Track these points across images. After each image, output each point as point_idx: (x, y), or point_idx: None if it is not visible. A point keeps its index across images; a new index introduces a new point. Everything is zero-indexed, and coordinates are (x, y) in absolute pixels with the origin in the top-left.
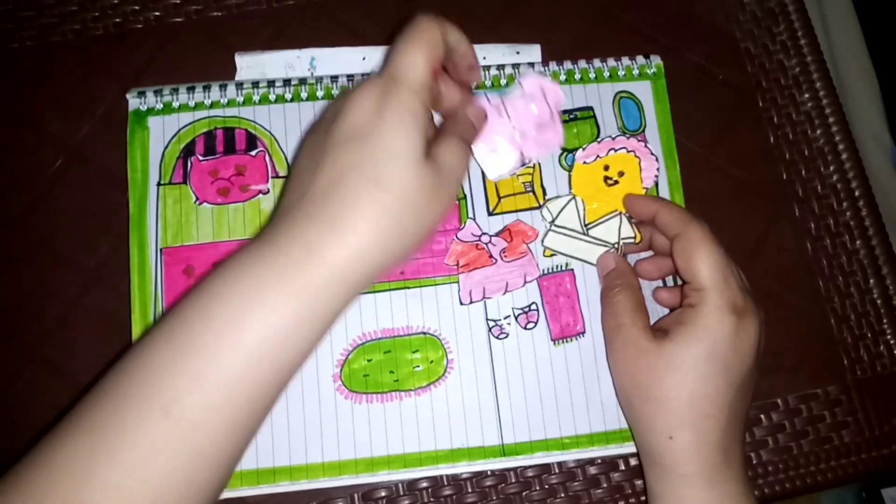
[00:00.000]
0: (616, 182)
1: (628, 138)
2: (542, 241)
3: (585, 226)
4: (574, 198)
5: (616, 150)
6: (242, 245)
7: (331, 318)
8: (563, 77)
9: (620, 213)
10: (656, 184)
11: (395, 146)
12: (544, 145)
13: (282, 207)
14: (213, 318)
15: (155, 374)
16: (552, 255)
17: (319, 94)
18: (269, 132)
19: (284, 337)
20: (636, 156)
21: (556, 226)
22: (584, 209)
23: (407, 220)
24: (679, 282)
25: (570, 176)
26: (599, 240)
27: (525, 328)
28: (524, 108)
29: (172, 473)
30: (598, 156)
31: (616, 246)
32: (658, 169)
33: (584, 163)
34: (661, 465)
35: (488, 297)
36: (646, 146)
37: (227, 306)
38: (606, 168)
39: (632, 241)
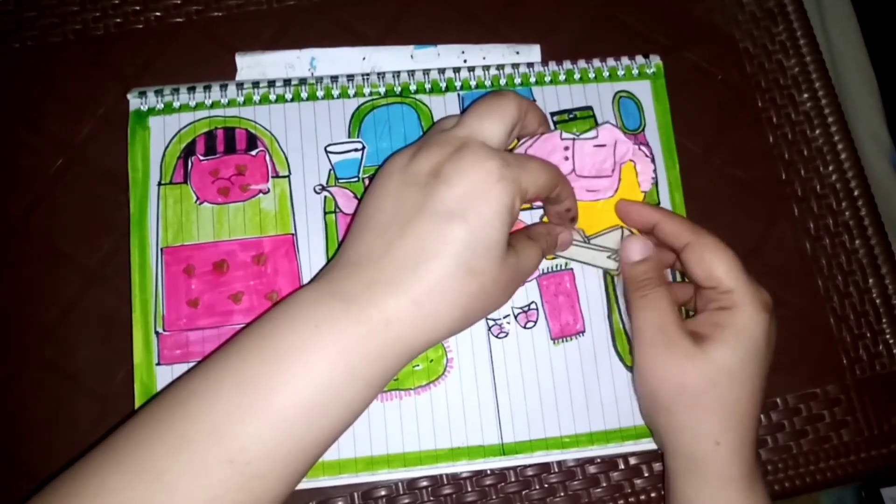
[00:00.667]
0: None
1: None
2: None
3: (586, 238)
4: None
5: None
6: (311, 283)
7: (386, 381)
8: (562, 77)
9: (622, 227)
10: (655, 185)
11: (492, 238)
12: (594, 193)
13: (357, 250)
14: (283, 362)
15: (221, 419)
16: (553, 258)
17: (320, 94)
18: (270, 132)
19: (347, 393)
20: (632, 159)
21: None
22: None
23: (480, 305)
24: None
25: None
26: (602, 246)
27: (525, 327)
28: (590, 152)
29: None
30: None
31: (617, 257)
32: (655, 171)
33: None
34: (703, 472)
35: None
36: (640, 148)
37: (299, 352)
38: None
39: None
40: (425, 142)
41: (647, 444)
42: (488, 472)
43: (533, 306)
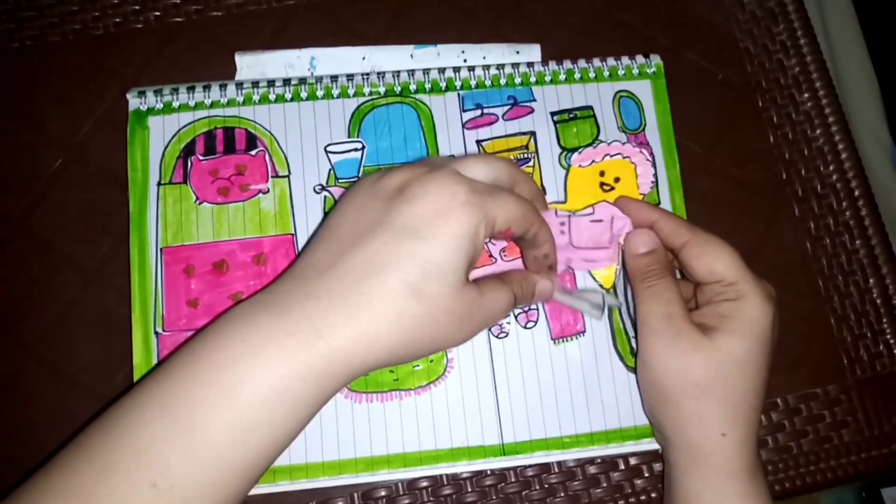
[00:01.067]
0: (612, 188)
1: (624, 144)
2: None
3: (568, 291)
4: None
5: (612, 156)
6: (252, 296)
7: (321, 402)
8: (562, 76)
9: (605, 291)
10: (655, 187)
11: (447, 262)
12: (592, 263)
13: (306, 261)
14: (208, 381)
15: (145, 443)
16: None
17: (319, 93)
18: (269, 132)
19: (277, 413)
20: (632, 161)
21: None
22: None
23: (427, 333)
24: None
25: (566, 178)
26: (587, 300)
27: (525, 327)
28: (587, 227)
29: None
30: (593, 160)
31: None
32: (655, 175)
33: (580, 166)
34: (709, 464)
35: None
36: (641, 151)
37: (224, 370)
38: (602, 174)
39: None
40: (403, 164)
41: (648, 445)
42: (488, 472)
43: (533, 306)
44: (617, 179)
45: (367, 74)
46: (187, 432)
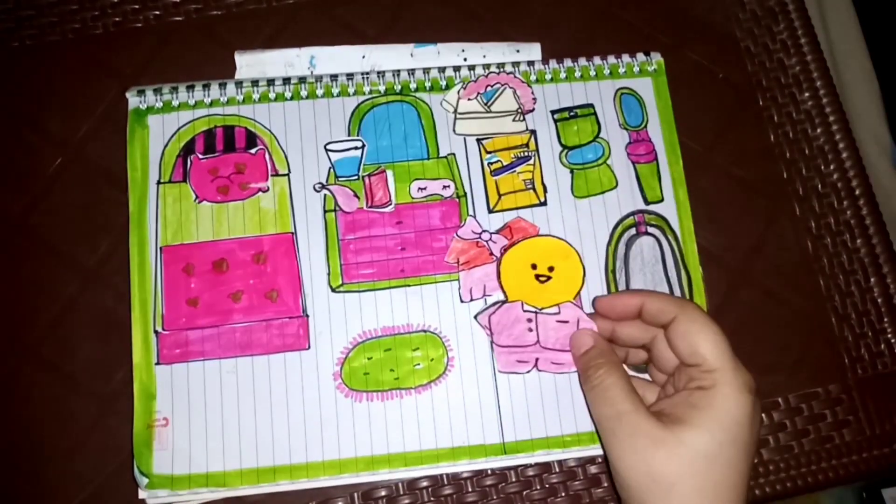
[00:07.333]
0: (548, 278)
1: (504, 74)
2: (454, 131)
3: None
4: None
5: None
6: None
7: None
8: (563, 75)
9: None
10: (659, 183)
11: None
12: (560, 366)
13: None
14: None
15: None
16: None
17: (319, 92)
18: (269, 130)
19: None
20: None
21: (459, 113)
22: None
23: None
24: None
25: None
26: (503, 111)
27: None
28: (553, 327)
29: None
30: (478, 93)
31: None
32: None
33: (468, 99)
34: None
35: (489, 295)
36: (517, 77)
37: None
38: (534, 266)
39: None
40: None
41: None
42: (489, 472)
43: None
44: (551, 269)
45: (367, 73)
46: None
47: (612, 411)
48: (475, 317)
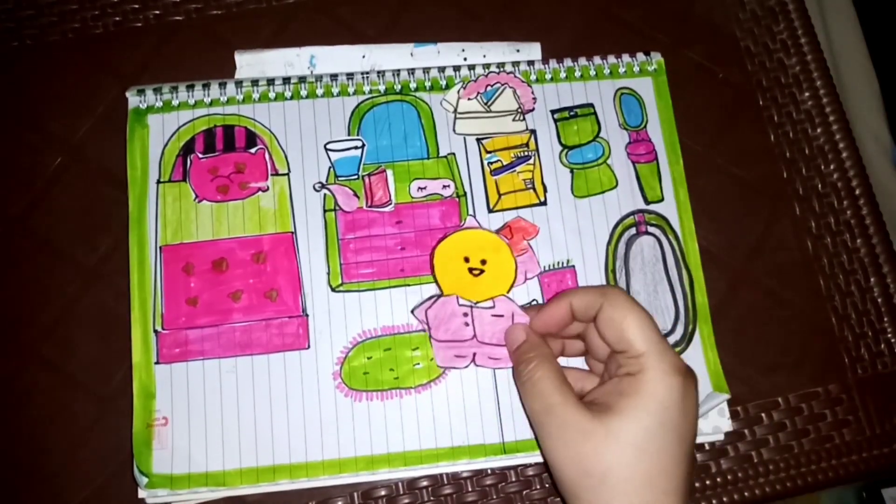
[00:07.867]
0: (481, 272)
1: (505, 74)
2: (454, 130)
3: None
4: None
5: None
6: None
7: None
8: (563, 75)
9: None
10: (659, 182)
11: None
12: (497, 361)
13: None
14: None
15: None
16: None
17: (319, 92)
18: (269, 130)
19: None
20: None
21: (459, 112)
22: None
23: None
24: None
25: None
26: (503, 111)
27: None
28: (489, 321)
29: None
30: (478, 92)
31: None
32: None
33: (468, 99)
34: None
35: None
36: (516, 76)
37: None
38: (467, 259)
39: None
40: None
41: None
42: (489, 471)
43: (534, 304)
44: (484, 262)
45: (367, 73)
46: None
47: (542, 405)
48: (412, 311)
